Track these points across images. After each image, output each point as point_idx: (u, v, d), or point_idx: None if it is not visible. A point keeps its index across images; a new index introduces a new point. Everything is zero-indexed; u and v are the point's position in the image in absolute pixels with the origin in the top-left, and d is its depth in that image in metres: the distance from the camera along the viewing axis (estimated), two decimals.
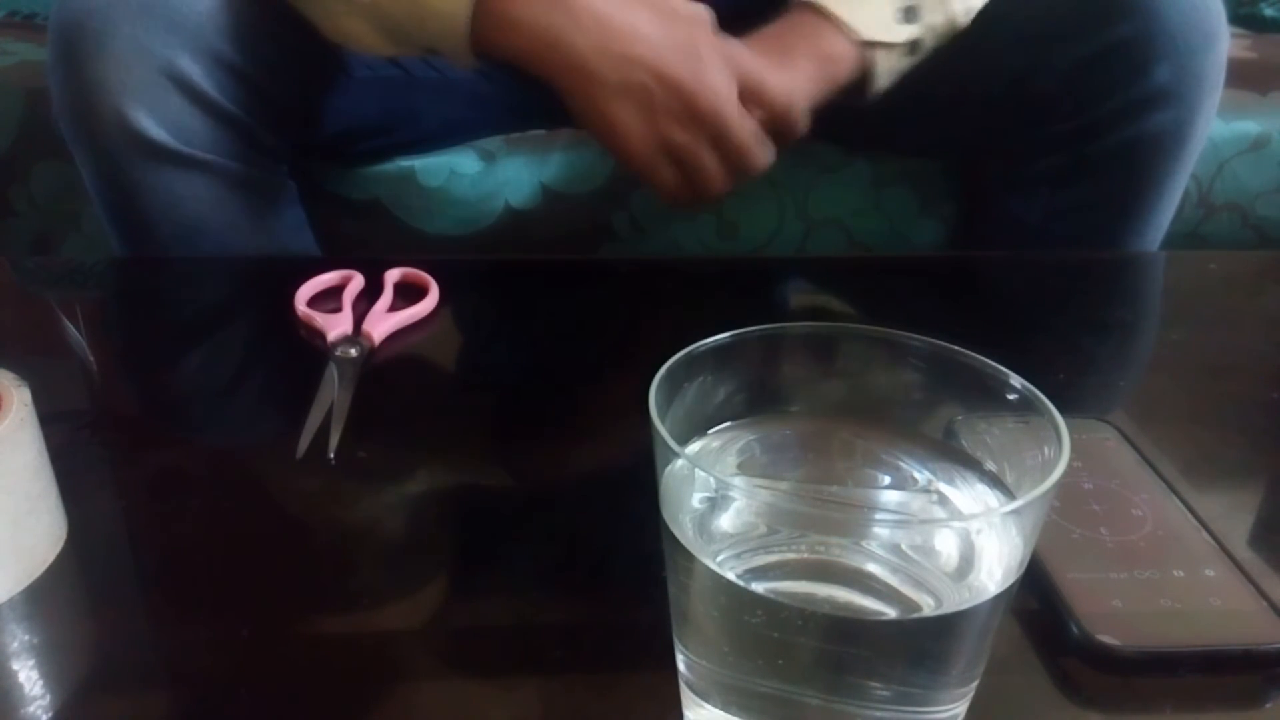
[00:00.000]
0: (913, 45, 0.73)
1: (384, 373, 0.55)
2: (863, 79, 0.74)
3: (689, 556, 0.27)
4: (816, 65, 0.71)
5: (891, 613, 0.27)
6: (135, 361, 0.59)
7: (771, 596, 0.26)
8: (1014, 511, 0.26)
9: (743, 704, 0.28)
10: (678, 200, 0.68)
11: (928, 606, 0.27)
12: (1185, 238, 0.93)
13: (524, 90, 0.69)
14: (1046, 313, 0.65)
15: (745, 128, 0.66)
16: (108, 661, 0.36)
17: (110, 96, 0.66)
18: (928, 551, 0.28)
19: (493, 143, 0.88)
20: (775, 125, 0.68)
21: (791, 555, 0.28)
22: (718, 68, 0.64)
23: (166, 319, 0.64)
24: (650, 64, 0.63)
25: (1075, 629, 0.35)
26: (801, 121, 0.69)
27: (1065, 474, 0.25)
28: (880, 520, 0.31)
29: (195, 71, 0.67)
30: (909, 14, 0.72)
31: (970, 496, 0.30)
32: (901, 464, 0.32)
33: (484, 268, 0.72)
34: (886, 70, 0.73)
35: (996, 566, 0.27)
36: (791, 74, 0.69)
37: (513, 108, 0.86)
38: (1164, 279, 0.75)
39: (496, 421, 0.52)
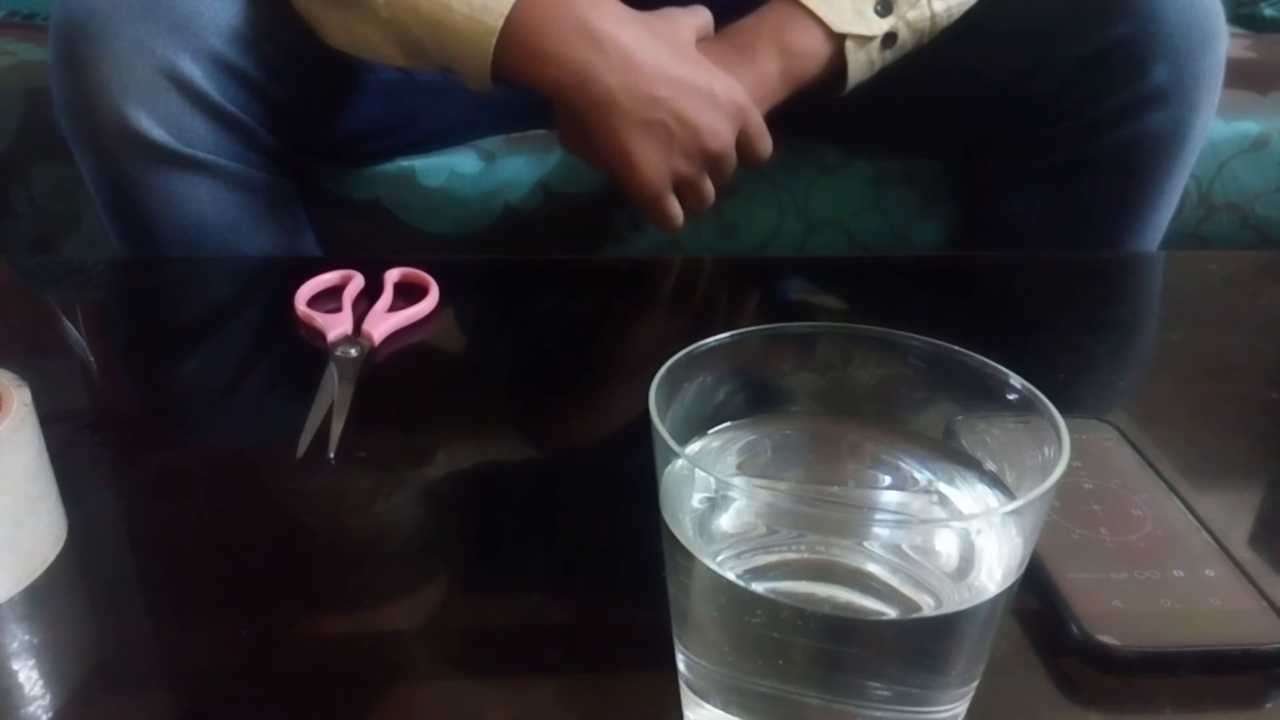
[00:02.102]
0: (888, 39, 0.73)
1: (384, 373, 0.55)
2: (836, 74, 0.74)
3: (689, 556, 0.27)
4: (780, 61, 0.72)
5: (891, 613, 0.27)
6: (135, 361, 0.59)
7: (771, 596, 0.26)
8: (1014, 511, 0.26)
9: (743, 704, 0.28)
10: (673, 228, 0.72)
11: (928, 606, 0.27)
12: (1185, 238, 0.93)
13: (525, 93, 0.69)
14: (1046, 313, 0.65)
15: (734, 158, 0.71)
16: (108, 661, 0.36)
17: (111, 97, 0.66)
18: (928, 551, 0.28)
19: (493, 143, 0.88)
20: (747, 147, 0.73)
21: (791, 555, 0.28)
22: (726, 111, 0.69)
23: (166, 319, 0.64)
24: (672, 106, 0.67)
25: (1075, 629, 0.35)
26: (764, 143, 0.73)
27: (1065, 474, 0.25)
28: (880, 520, 0.31)
29: (196, 73, 0.67)
30: (885, 6, 0.72)
31: (970, 496, 0.30)
32: (901, 464, 0.32)
33: (484, 268, 0.72)
34: (860, 65, 0.73)
35: (996, 566, 0.27)
36: (755, 72, 0.71)
37: (513, 108, 0.86)
38: (1164, 279, 0.75)
39: (496, 421, 0.52)
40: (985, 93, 0.79)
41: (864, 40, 0.72)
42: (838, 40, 0.72)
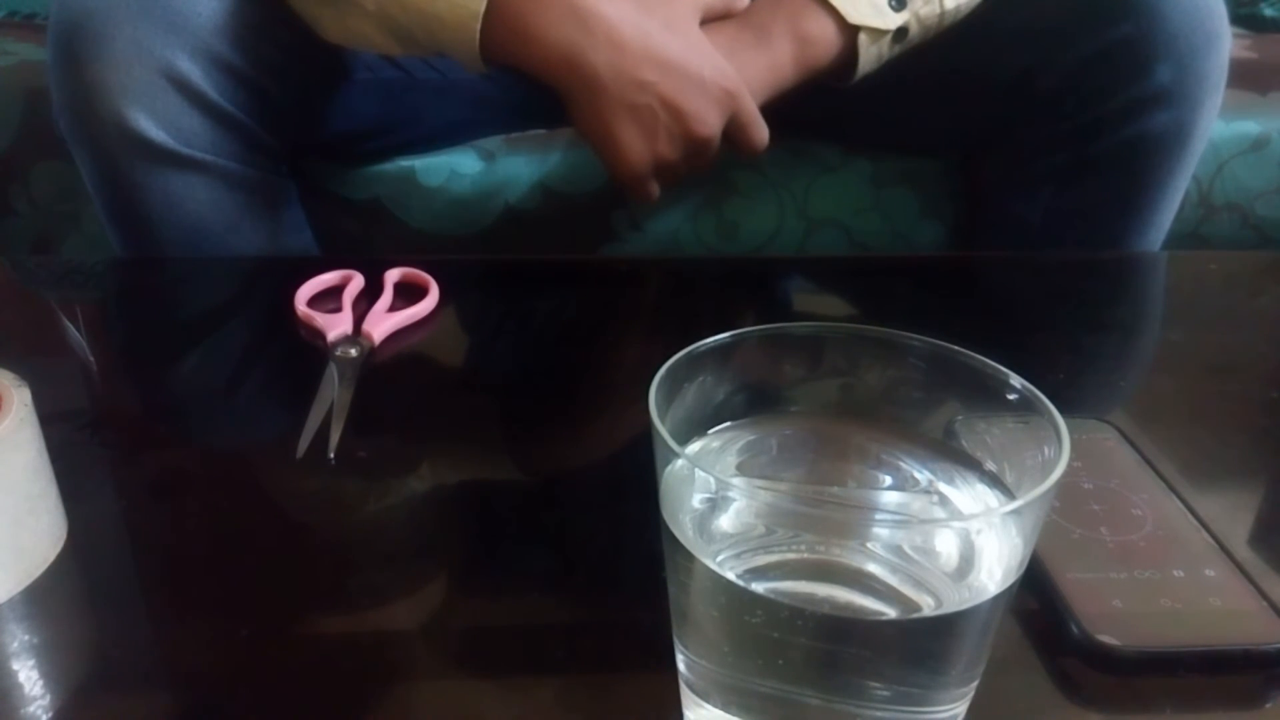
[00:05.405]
0: (899, 33, 0.73)
1: (384, 373, 0.55)
2: (844, 65, 0.74)
3: (689, 556, 0.27)
4: (794, 47, 0.71)
5: (891, 613, 0.27)
6: (135, 361, 0.59)
7: (771, 596, 0.26)
8: (1014, 511, 0.26)
9: (743, 704, 0.28)
10: (649, 205, 0.73)
11: (928, 606, 0.27)
12: (1186, 238, 0.93)
13: (525, 90, 0.69)
14: (1046, 313, 0.65)
15: (718, 144, 0.70)
16: (108, 661, 0.36)
17: (109, 98, 0.66)
18: (928, 551, 0.28)
19: (493, 143, 0.88)
20: (740, 137, 0.72)
21: (791, 555, 0.28)
22: (716, 98, 0.68)
23: (166, 319, 0.64)
24: (659, 90, 0.66)
25: (1075, 629, 0.35)
26: (758, 131, 0.72)
27: (1065, 474, 0.25)
28: (880, 520, 0.31)
29: (194, 73, 0.67)
30: (900, 1, 0.72)
31: (970, 496, 0.30)
32: (901, 464, 0.32)
33: (484, 268, 0.72)
34: (870, 57, 0.73)
35: (996, 566, 0.27)
36: (768, 56, 0.70)
37: (513, 108, 0.86)
38: (1164, 279, 0.75)
39: (496, 422, 0.52)
40: (988, 92, 0.79)
41: (878, 34, 0.72)
42: (851, 31, 0.72)
